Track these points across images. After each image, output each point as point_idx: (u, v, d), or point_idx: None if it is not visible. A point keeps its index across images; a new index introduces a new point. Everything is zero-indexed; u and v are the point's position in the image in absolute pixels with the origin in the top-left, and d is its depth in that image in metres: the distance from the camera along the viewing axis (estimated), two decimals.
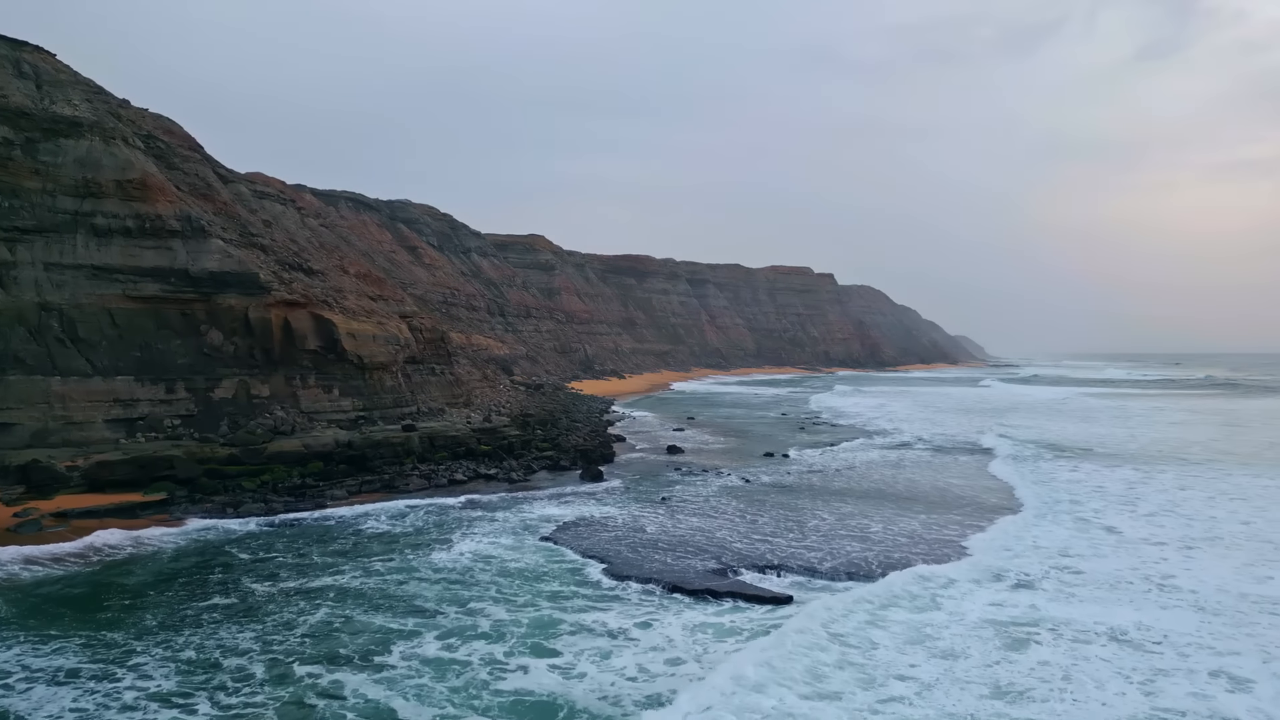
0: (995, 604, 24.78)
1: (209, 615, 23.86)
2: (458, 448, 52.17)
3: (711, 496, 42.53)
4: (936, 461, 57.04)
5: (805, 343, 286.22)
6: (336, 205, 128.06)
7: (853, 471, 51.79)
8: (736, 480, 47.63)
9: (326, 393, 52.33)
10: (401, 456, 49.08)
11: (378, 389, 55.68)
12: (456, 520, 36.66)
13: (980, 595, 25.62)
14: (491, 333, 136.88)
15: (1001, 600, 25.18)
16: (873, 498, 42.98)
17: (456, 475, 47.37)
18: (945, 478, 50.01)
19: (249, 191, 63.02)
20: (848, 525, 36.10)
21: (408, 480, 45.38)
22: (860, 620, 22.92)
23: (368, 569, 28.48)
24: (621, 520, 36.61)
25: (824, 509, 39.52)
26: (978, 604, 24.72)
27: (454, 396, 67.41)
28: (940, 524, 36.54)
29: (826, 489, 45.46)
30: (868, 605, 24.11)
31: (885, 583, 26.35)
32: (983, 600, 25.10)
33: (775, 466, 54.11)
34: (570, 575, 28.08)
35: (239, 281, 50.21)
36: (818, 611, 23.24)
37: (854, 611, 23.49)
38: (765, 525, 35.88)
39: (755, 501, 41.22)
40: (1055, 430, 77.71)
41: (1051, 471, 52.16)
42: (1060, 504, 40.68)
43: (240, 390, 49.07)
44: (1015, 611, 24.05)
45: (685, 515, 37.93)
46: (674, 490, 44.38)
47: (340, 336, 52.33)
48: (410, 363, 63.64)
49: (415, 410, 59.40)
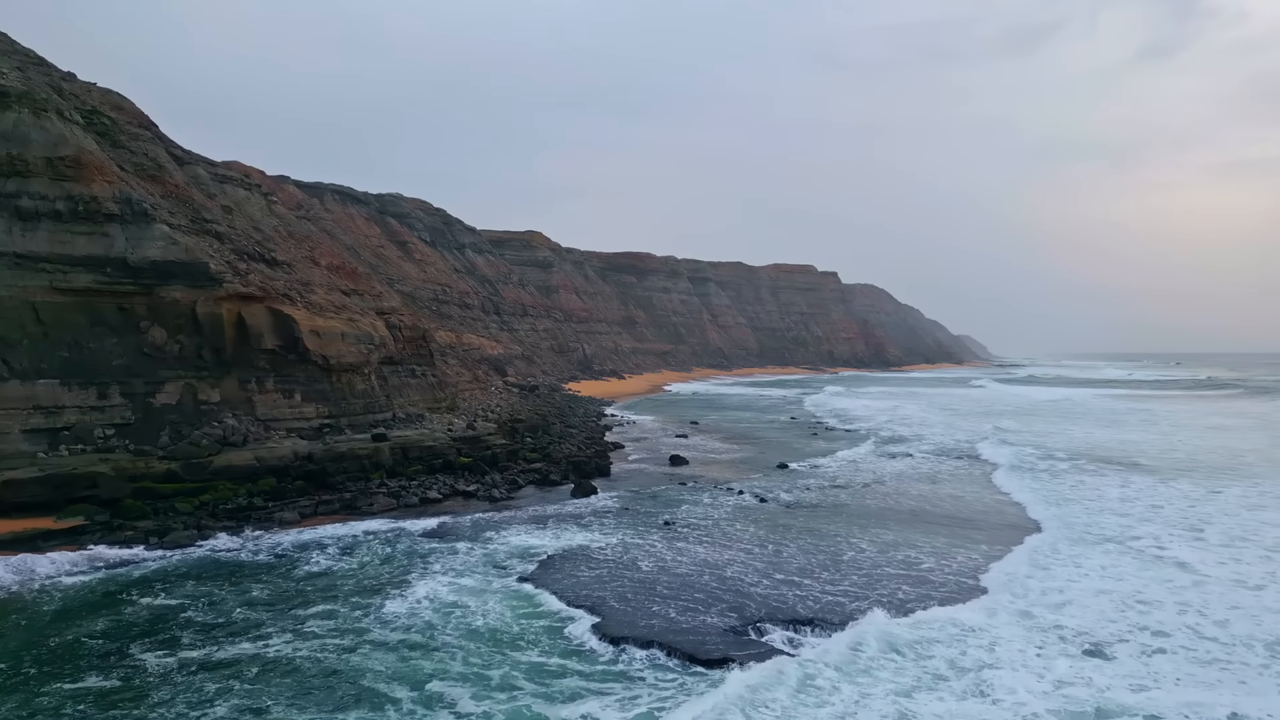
0: (1062, 686, 18.82)
1: (71, 710, 17.93)
2: (434, 460, 46.26)
3: (723, 520, 36.60)
4: (974, 475, 50.99)
5: (809, 342, 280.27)
6: (322, 198, 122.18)
7: (883, 487, 45.82)
8: (750, 498, 41.71)
9: (286, 398, 46.43)
10: (368, 471, 43.19)
11: (346, 393, 49.78)
12: (420, 552, 30.75)
13: (1040, 666, 19.81)
14: (485, 332, 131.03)
15: (1069, 677, 19.27)
16: (918, 522, 36.94)
17: (430, 493, 41.49)
18: (989, 495, 44.13)
19: (208, 174, 57.17)
20: (892, 559, 30.15)
21: (372, 499, 39.50)
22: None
23: (300, 628, 22.56)
24: (617, 552, 30.73)
25: (860, 536, 33.58)
26: (1042, 683, 18.85)
27: (436, 400, 61.52)
28: (995, 555, 30.65)
29: (858, 510, 39.50)
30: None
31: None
32: (1046, 678, 19.22)
33: (792, 480, 48.20)
34: (555, 636, 22.20)
35: (186, 272, 44.31)
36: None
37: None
38: (791, 559, 29.97)
39: (776, 526, 35.31)
40: (1085, 437, 71.79)
41: (1098, 488, 46.21)
42: (1117, 532, 34.82)
43: (186, 395, 43.17)
44: (1088, 696, 18.13)
45: (693, 545, 32.04)
46: (679, 511, 38.49)
47: (301, 334, 46.42)
48: (387, 364, 57.74)
49: (390, 416, 53.52)
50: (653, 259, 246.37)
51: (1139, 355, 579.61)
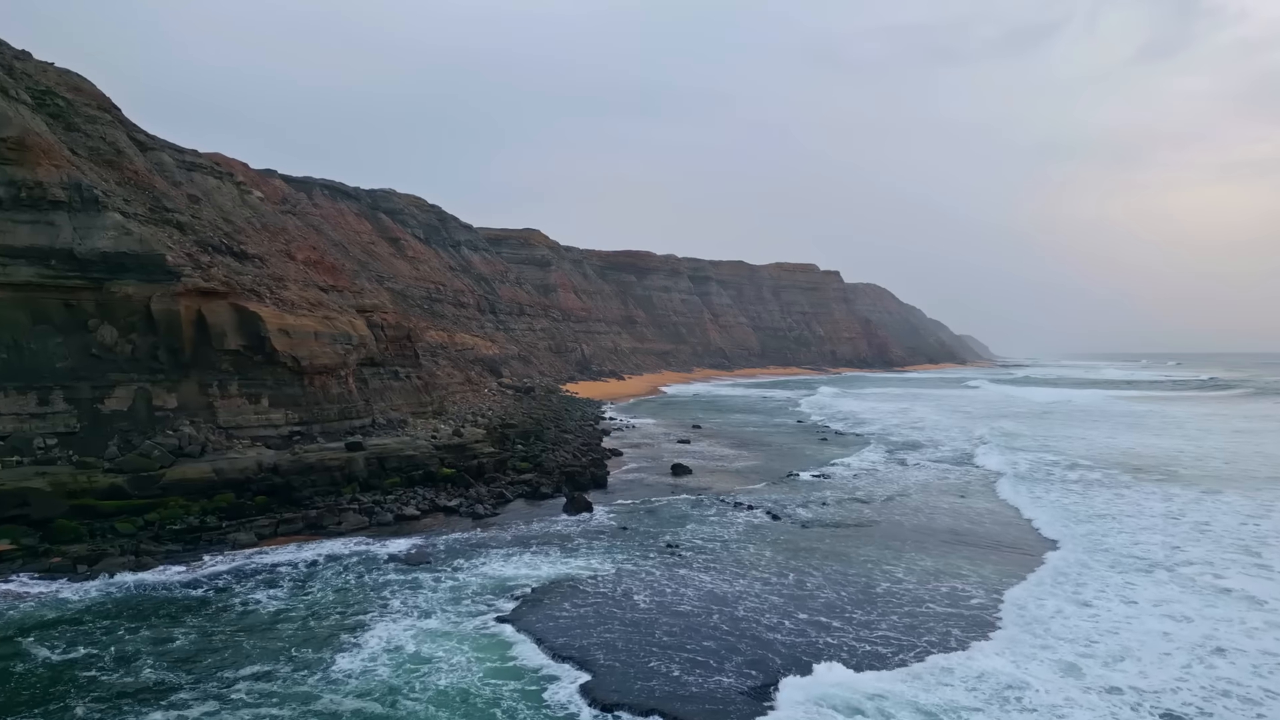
0: None
1: None
2: (414, 471, 42.24)
3: (733, 542, 32.55)
4: (1002, 487, 46.87)
5: (811, 342, 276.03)
6: (310, 192, 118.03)
7: (908, 501, 41.77)
8: (762, 515, 37.65)
9: (252, 403, 42.39)
10: (340, 484, 39.18)
11: (320, 397, 45.73)
12: (386, 583, 26.72)
13: None
14: (480, 331, 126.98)
15: None
16: (959, 545, 32.83)
17: (407, 508, 37.48)
18: (1018, 512, 40.06)
19: (173, 161, 53.10)
20: (935, 591, 26.10)
21: (341, 517, 35.48)
22: None
23: (226, 693, 18.50)
24: (611, 584, 26.72)
25: (894, 562, 29.53)
26: None
27: (421, 405, 57.49)
28: (1042, 587, 26.64)
29: (886, 529, 35.39)
30: None
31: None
32: None
33: (806, 492, 44.18)
34: (534, 703, 18.18)
35: (139, 265, 40.26)
36: None
37: None
38: (816, 593, 25.94)
39: (794, 550, 31.26)
40: (1107, 443, 67.71)
41: (1138, 503, 42.21)
42: (1164, 555, 30.85)
43: (139, 401, 39.12)
44: None
45: (699, 573, 28.04)
46: (682, 531, 34.43)
47: (269, 333, 42.36)
48: (368, 365, 53.71)
49: (370, 422, 49.47)
50: (653, 258, 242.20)
51: (1136, 355, 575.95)
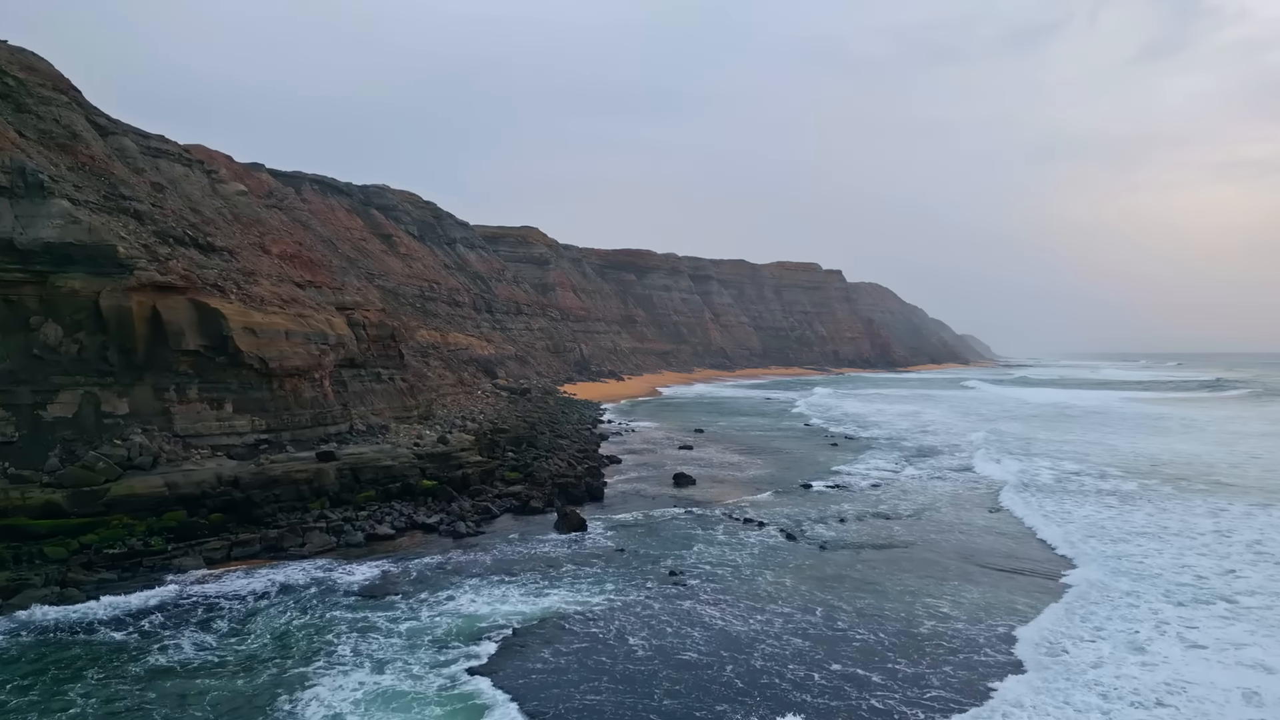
0: None
1: None
2: (391, 483, 38.45)
3: (746, 567, 28.77)
4: (1038, 503, 42.92)
5: (813, 342, 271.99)
6: (300, 187, 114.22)
7: (937, 516, 37.95)
8: (776, 534, 33.85)
9: (214, 408, 38.62)
10: (308, 498, 35.40)
11: (290, 402, 41.97)
12: (341, 623, 22.91)
13: None
14: (476, 331, 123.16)
15: None
16: (1001, 570, 28.99)
17: (380, 527, 33.70)
18: (1066, 529, 36.24)
19: (136, 147, 49.32)
20: (992, 633, 22.30)
21: (305, 537, 31.70)
22: None
23: None
24: (606, 622, 22.98)
25: (935, 593, 25.76)
26: None
27: (405, 409, 53.71)
28: (1095, 627, 22.90)
29: (919, 550, 31.57)
30: None
31: None
32: None
33: (822, 505, 40.40)
34: None
35: (88, 257, 36.54)
36: None
37: None
38: (850, 635, 22.16)
39: (818, 579, 27.47)
40: (1132, 449, 63.95)
41: (1185, 519, 38.45)
42: (1229, 583, 27.25)
43: (85, 407, 35.37)
44: None
45: (709, 608, 24.30)
46: (687, 554, 30.64)
47: (232, 332, 38.60)
48: (347, 366, 49.97)
49: (347, 429, 45.71)
50: (653, 256, 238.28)
51: (1135, 355, 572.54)
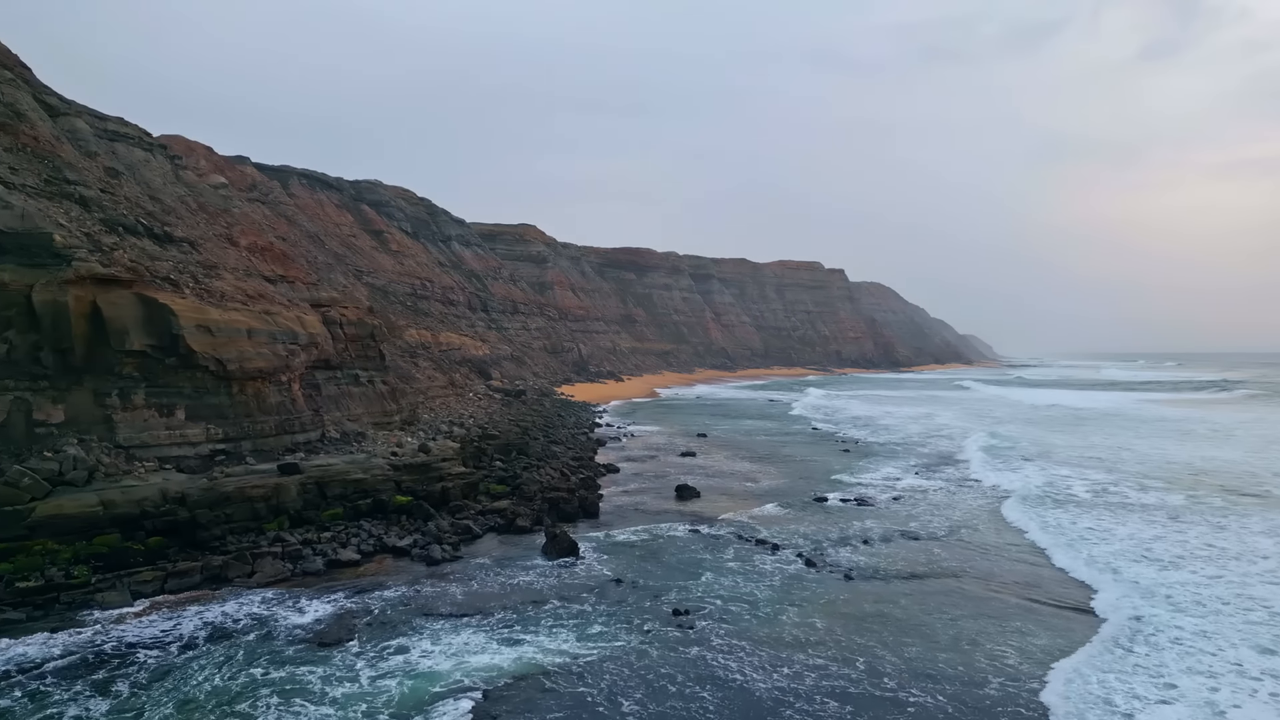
0: None
1: None
2: (361, 499, 34.41)
3: (764, 603, 24.72)
4: (1084, 520, 38.94)
5: (816, 342, 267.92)
6: (287, 182, 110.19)
7: (975, 535, 33.84)
8: (794, 558, 29.80)
9: (164, 416, 34.59)
10: (264, 517, 31.36)
11: (252, 408, 37.93)
12: (261, 687, 18.85)
13: None
14: (470, 330, 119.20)
15: None
16: (1070, 607, 24.92)
17: (344, 551, 29.67)
18: (1119, 552, 32.24)
19: (91, 129, 45.34)
20: (1084, 695, 18.24)
21: (255, 564, 27.66)
22: None
23: None
24: (596, 680, 18.98)
25: (997, 637, 21.67)
26: None
27: (386, 414, 49.69)
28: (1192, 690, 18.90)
29: (967, 582, 27.34)
30: None
31: None
32: None
33: (843, 523, 36.36)
34: None
35: (19, 246, 32.60)
36: None
37: None
38: (900, 698, 18.18)
39: (851, 617, 23.39)
40: (1161, 455, 59.87)
41: (1246, 540, 34.47)
42: None
43: (15, 414, 31.37)
44: None
45: (722, 657, 20.29)
46: (695, 585, 26.59)
47: (183, 330, 34.57)
48: (321, 368, 45.99)
49: (318, 437, 41.70)
50: (653, 255, 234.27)
51: (1133, 355, 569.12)
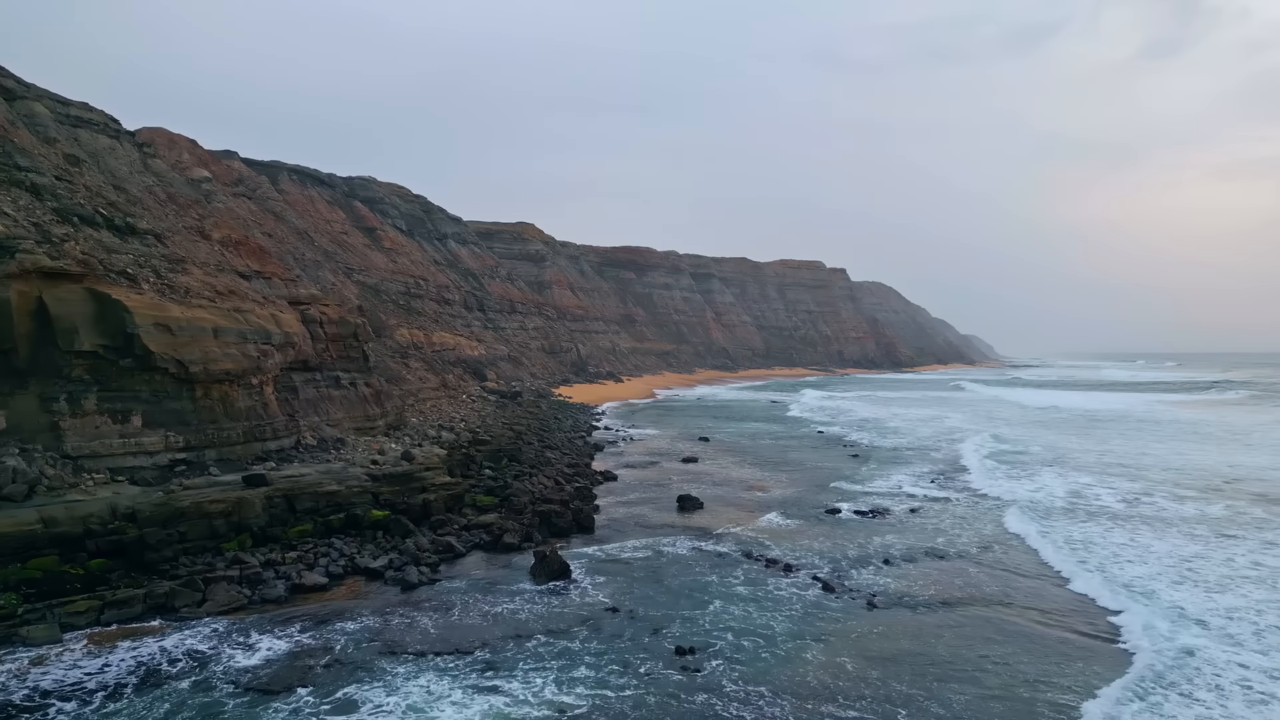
0: None
1: None
2: (334, 513, 31.41)
3: (782, 638, 21.70)
4: (1118, 535, 36.00)
5: (817, 342, 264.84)
6: (276, 177, 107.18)
7: (1009, 555, 30.65)
8: (810, 580, 26.79)
9: (118, 422, 31.60)
10: (223, 535, 28.36)
11: (218, 414, 34.93)
12: None
13: None
14: (466, 330, 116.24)
15: None
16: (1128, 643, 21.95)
17: (310, 574, 26.68)
18: (1165, 576, 29.27)
19: (51, 114, 42.38)
20: None
21: (207, 590, 24.63)
22: None
23: None
24: None
25: (1058, 680, 18.66)
26: None
27: (369, 418, 46.70)
28: None
29: (1013, 611, 24.19)
30: None
31: None
32: None
33: (861, 538, 33.36)
34: None
35: None
36: None
37: None
38: None
39: (883, 659, 20.34)
40: (1185, 462, 56.76)
41: None
42: None
43: None
44: None
45: (739, 710, 17.35)
46: (702, 616, 23.56)
47: (138, 329, 31.58)
48: (298, 370, 43.04)
49: (293, 444, 38.71)
50: (653, 254, 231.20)
51: (1132, 355, 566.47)
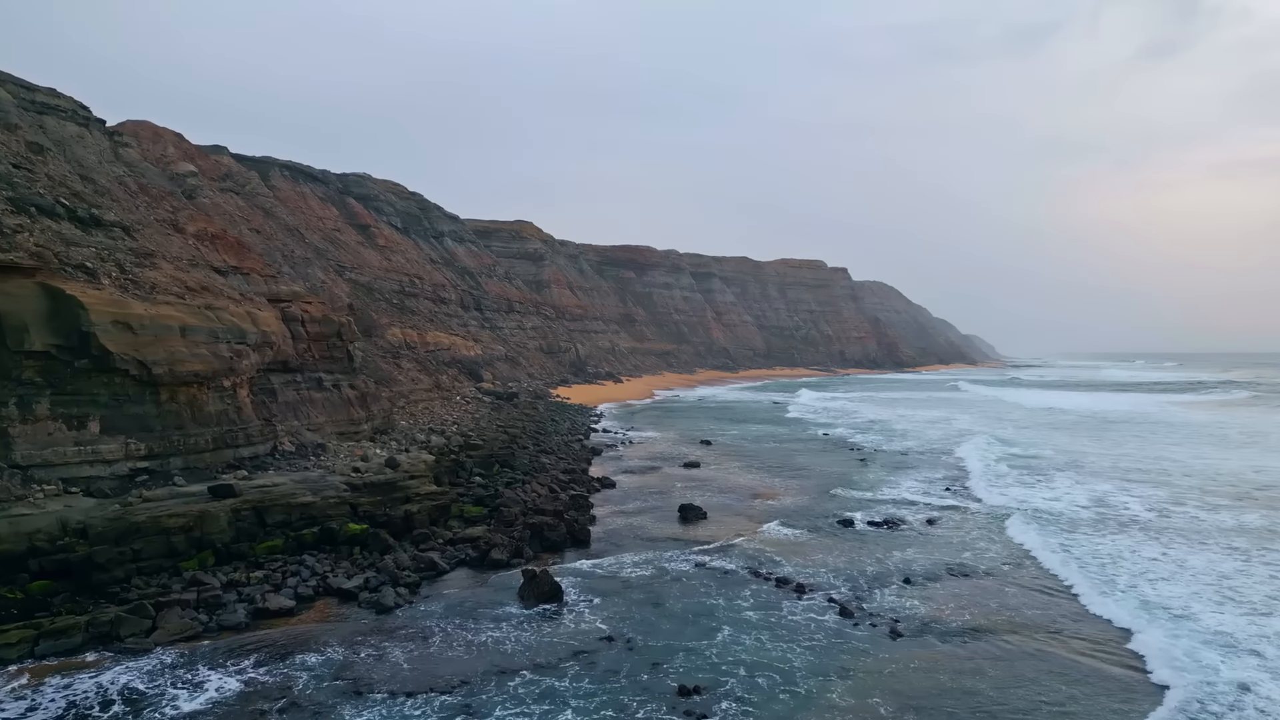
0: None
1: None
2: (307, 527, 29.00)
3: (800, 673, 19.27)
4: (1149, 551, 33.57)
5: (819, 342, 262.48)
6: (268, 173, 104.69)
7: (1041, 572, 28.16)
8: (826, 603, 24.36)
9: (73, 429, 29.20)
10: (183, 553, 25.96)
11: (185, 419, 32.52)
12: None
13: None
14: (462, 330, 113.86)
15: None
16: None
17: (276, 597, 24.25)
18: (1200, 587, 26.87)
19: (14, 99, 39.92)
20: None
21: (158, 616, 22.22)
22: None
23: None
24: None
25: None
26: None
27: (353, 422, 44.29)
28: None
29: (1057, 640, 21.81)
30: None
31: None
32: None
33: (877, 553, 30.92)
34: None
35: None
36: None
37: None
38: None
39: (914, 702, 17.85)
40: (1207, 468, 54.34)
41: None
42: None
43: None
44: None
45: None
46: (709, 648, 21.12)
47: (95, 327, 29.18)
48: (278, 371, 40.65)
49: (269, 450, 36.29)
50: (653, 253, 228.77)
51: (1131, 355, 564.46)
